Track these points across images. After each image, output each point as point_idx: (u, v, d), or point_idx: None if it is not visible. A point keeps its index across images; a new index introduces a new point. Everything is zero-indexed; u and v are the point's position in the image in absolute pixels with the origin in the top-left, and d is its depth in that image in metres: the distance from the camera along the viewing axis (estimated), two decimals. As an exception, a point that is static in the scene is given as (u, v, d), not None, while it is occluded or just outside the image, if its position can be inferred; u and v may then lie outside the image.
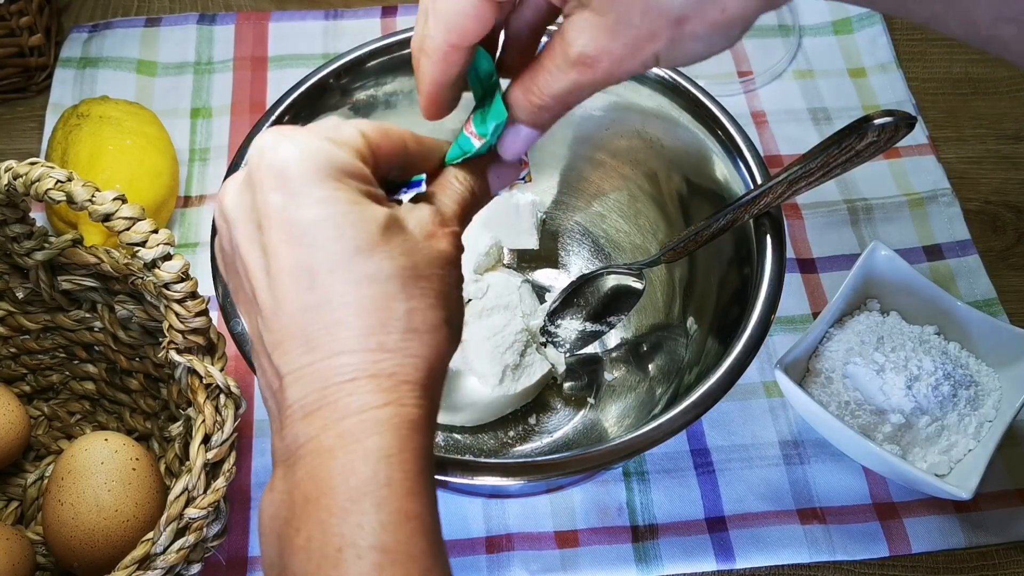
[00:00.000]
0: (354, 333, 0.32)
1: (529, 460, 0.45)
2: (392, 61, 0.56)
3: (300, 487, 0.31)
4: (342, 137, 0.34)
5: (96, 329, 0.58)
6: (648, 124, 0.57)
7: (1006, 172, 0.73)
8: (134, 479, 0.50)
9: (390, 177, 0.36)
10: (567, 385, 0.62)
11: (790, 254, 0.68)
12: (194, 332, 0.48)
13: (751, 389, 0.62)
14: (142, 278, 0.52)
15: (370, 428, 0.31)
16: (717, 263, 0.55)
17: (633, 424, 0.57)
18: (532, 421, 0.60)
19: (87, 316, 0.57)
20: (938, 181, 0.71)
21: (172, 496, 0.45)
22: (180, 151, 0.72)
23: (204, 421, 0.47)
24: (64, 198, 0.46)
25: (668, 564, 0.56)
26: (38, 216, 0.67)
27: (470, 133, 0.37)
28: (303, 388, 0.32)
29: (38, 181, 0.47)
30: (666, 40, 0.33)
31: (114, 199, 0.46)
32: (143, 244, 0.46)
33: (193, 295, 0.47)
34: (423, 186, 0.36)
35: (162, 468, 0.55)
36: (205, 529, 0.46)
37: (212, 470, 0.47)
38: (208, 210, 0.70)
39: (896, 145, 0.53)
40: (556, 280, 0.65)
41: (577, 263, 0.65)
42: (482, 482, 0.44)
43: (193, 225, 0.69)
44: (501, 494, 0.58)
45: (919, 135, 0.73)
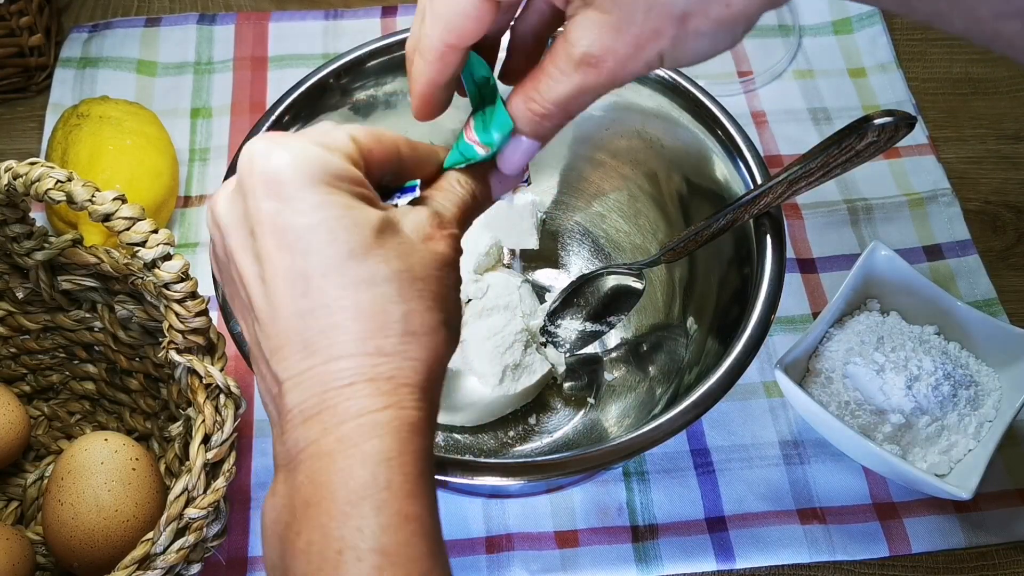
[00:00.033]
0: (351, 337, 0.32)
1: (529, 460, 0.45)
2: (392, 61, 0.56)
3: (301, 491, 0.31)
4: (333, 142, 0.34)
5: (96, 329, 0.58)
6: (648, 124, 0.57)
7: (1006, 172, 0.73)
8: (134, 479, 0.50)
9: (384, 182, 0.36)
10: (567, 385, 0.62)
11: (790, 254, 0.68)
12: (194, 332, 0.48)
13: (751, 389, 0.62)
14: (142, 278, 0.52)
15: (369, 432, 0.31)
16: (717, 263, 0.55)
17: (633, 424, 0.57)
18: (532, 421, 0.60)
19: (87, 316, 0.57)
20: (938, 181, 0.71)
21: (172, 496, 0.45)
22: (180, 151, 0.72)
23: (204, 421, 0.47)
24: (64, 198, 0.46)
25: (668, 564, 0.56)
26: (38, 216, 0.67)
27: (472, 141, 0.37)
28: (302, 393, 0.32)
29: (38, 181, 0.47)
30: (670, 38, 0.33)
31: (114, 199, 0.46)
32: (143, 244, 0.46)
33: (193, 295, 0.47)
34: (417, 191, 0.36)
35: (162, 468, 0.55)
36: (205, 529, 0.46)
37: (212, 470, 0.47)
38: (208, 210, 0.70)
39: (896, 145, 0.53)
40: (556, 280, 0.65)
41: (577, 263, 0.65)
42: (482, 482, 0.44)
43: (193, 225, 0.69)
44: (501, 494, 0.58)
45: (919, 135, 0.73)
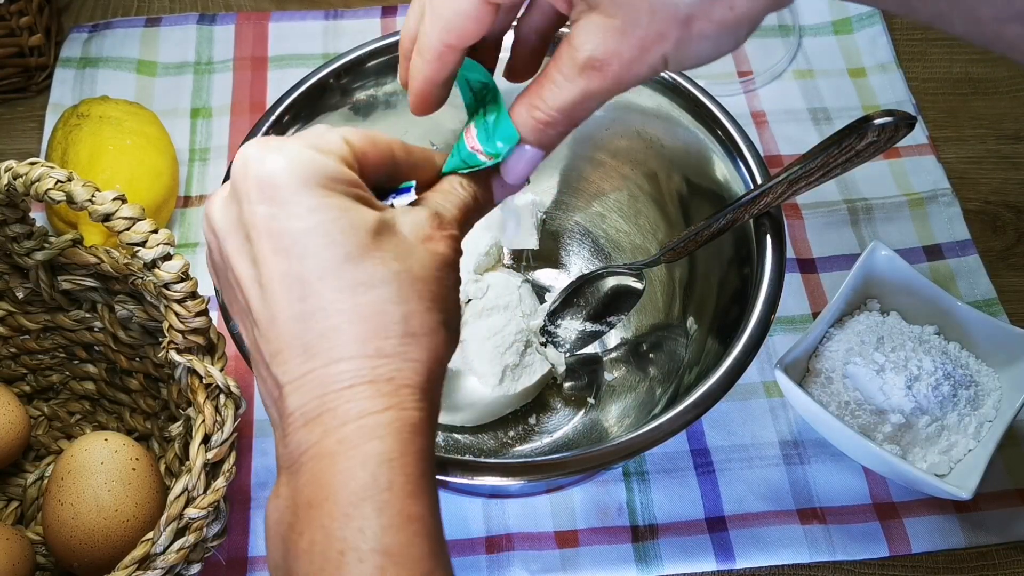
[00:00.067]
0: (351, 339, 0.32)
1: (529, 460, 0.45)
2: (392, 61, 0.56)
3: (303, 493, 0.31)
4: (327, 145, 0.34)
5: (96, 329, 0.58)
6: (648, 124, 0.57)
7: (1006, 172, 0.73)
8: (134, 479, 0.50)
9: (379, 185, 0.36)
10: (567, 385, 0.62)
11: (790, 254, 0.68)
12: (194, 332, 0.48)
13: (751, 389, 0.62)
14: (142, 278, 0.52)
15: (370, 433, 0.31)
16: (717, 263, 0.55)
17: (633, 424, 0.57)
18: (532, 421, 0.60)
19: (87, 316, 0.57)
20: (938, 181, 0.71)
21: (172, 496, 0.45)
22: (180, 151, 0.72)
23: (204, 421, 0.47)
24: (64, 198, 0.46)
25: (668, 564, 0.56)
26: (38, 216, 0.67)
27: (475, 150, 0.37)
28: (303, 396, 0.32)
29: (38, 181, 0.47)
30: (674, 41, 0.33)
31: (114, 199, 0.46)
32: (143, 244, 0.46)
33: (193, 295, 0.47)
34: (413, 192, 0.36)
35: (162, 468, 0.55)
36: (205, 529, 0.46)
37: (212, 470, 0.47)
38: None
39: (896, 145, 0.53)
40: (556, 280, 0.65)
41: (577, 263, 0.65)
42: (482, 482, 0.44)
43: (193, 225, 0.69)
44: (501, 494, 0.58)
45: (919, 135, 0.73)
